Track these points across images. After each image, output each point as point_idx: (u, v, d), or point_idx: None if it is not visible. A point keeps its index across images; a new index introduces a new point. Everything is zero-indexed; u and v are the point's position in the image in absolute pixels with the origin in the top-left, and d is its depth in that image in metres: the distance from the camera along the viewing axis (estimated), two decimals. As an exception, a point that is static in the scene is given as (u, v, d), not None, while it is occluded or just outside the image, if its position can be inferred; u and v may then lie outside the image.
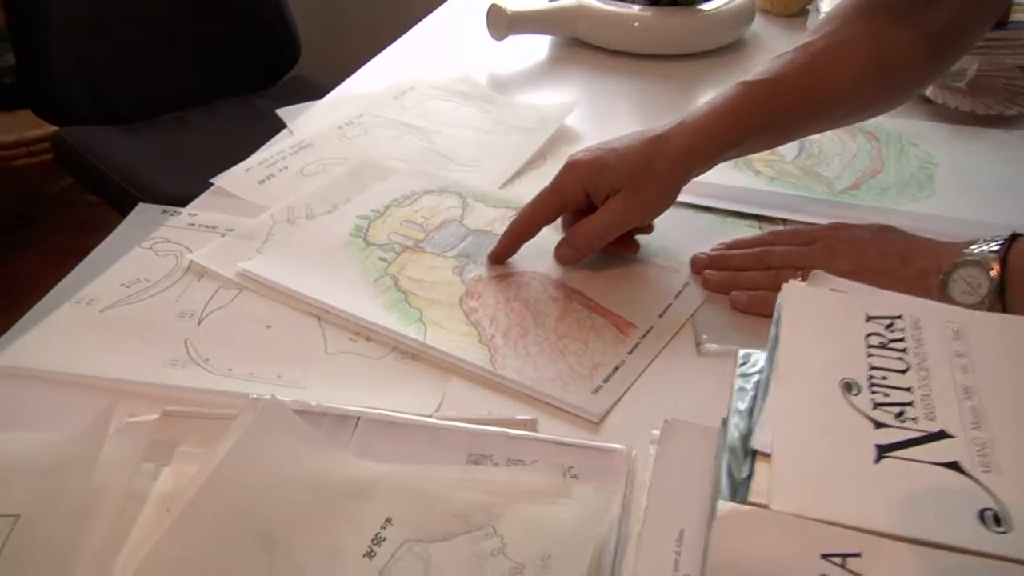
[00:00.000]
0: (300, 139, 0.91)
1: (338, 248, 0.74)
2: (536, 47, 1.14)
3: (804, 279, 0.64)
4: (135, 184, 1.56)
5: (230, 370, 0.62)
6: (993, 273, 0.60)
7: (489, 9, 1.08)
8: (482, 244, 0.75)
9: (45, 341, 0.65)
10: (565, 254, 0.72)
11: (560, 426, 0.58)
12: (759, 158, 0.88)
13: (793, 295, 0.50)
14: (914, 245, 0.66)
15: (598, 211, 0.70)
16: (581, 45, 1.13)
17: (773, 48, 1.16)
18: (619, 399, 0.60)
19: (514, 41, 1.12)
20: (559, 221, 0.74)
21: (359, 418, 0.57)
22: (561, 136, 0.92)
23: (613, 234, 0.71)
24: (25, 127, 1.82)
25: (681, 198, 0.78)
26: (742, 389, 0.50)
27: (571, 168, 0.71)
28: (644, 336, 0.65)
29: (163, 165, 1.68)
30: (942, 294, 0.62)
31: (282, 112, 0.96)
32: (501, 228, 0.76)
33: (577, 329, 0.66)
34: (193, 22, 1.86)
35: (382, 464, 0.54)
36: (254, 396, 0.58)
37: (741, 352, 0.53)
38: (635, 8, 1.10)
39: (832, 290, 0.51)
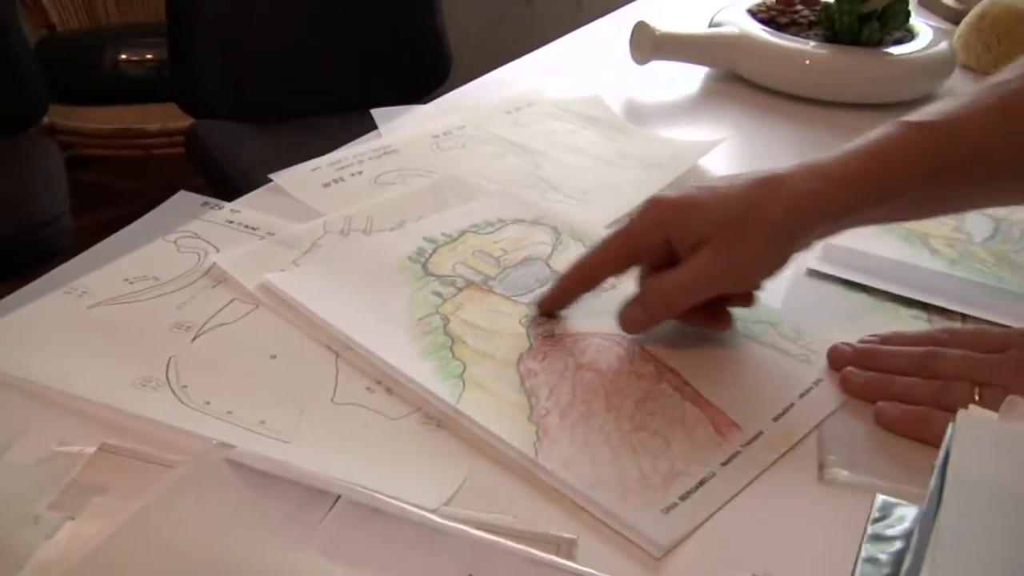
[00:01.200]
0: (386, 143, 0.78)
1: (389, 273, 0.60)
2: (686, 77, 0.98)
3: (984, 401, 0.46)
4: (247, 180, 1.49)
5: (207, 403, 0.49)
6: None
7: (635, 28, 0.93)
8: (565, 292, 0.59)
9: (10, 332, 0.53)
10: (631, 317, 0.55)
11: (608, 553, 0.42)
12: (937, 232, 0.69)
13: (971, 428, 0.33)
14: None
15: (679, 265, 0.53)
16: (739, 80, 0.96)
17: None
18: (698, 527, 0.43)
19: (662, 68, 0.96)
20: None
21: (339, 496, 0.42)
22: (695, 177, 0.76)
23: (695, 297, 0.53)
24: (171, 118, 1.79)
25: (825, 267, 0.61)
26: (873, 559, 0.33)
27: (652, 206, 0.55)
28: (749, 443, 0.48)
29: (281, 166, 1.62)
30: None
31: (377, 112, 0.83)
32: (594, 276, 0.60)
33: (661, 420, 0.49)
34: (343, 30, 1.80)
35: (348, 571, 0.39)
36: (217, 442, 0.45)
37: (880, 499, 0.36)
38: (808, 44, 0.92)
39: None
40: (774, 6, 0.98)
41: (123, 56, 2.03)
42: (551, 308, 0.57)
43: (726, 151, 0.82)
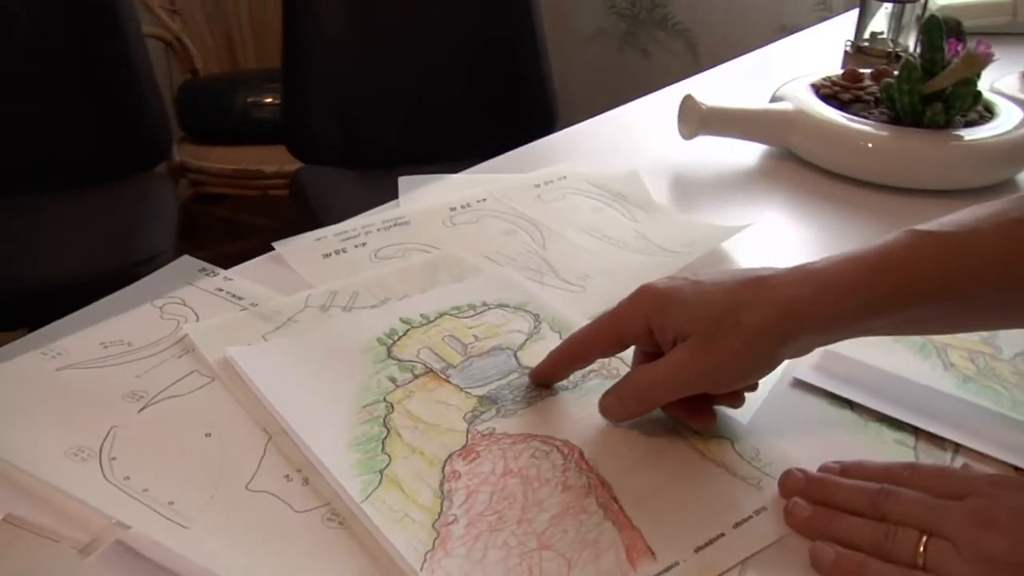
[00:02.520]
0: (400, 214, 0.78)
1: (353, 354, 0.60)
2: (744, 153, 0.94)
3: (928, 554, 0.42)
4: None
5: (127, 479, 0.50)
6: None
7: (683, 102, 0.90)
8: (523, 388, 0.58)
9: (-24, 391, 0.56)
10: (609, 405, 0.54)
11: None
12: (961, 343, 0.63)
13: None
14: None
15: (659, 360, 0.51)
16: (795, 160, 0.92)
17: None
18: (567, 669, 0.40)
19: (720, 143, 0.93)
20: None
21: (206, 594, 0.42)
22: (710, 266, 0.72)
23: (669, 396, 0.52)
24: (286, 161, 1.87)
25: (810, 377, 0.57)
26: None
27: (639, 294, 0.53)
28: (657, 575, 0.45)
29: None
30: None
31: (403, 180, 0.84)
32: (561, 370, 0.58)
33: (571, 539, 0.47)
34: (454, 79, 1.83)
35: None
36: (115, 522, 0.46)
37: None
38: (868, 125, 0.87)
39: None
40: (839, 81, 0.93)
41: (251, 99, 2.14)
42: (541, 380, 0.57)
43: (769, 236, 0.78)
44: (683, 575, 0.45)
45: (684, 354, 0.50)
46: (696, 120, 0.88)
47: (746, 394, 0.55)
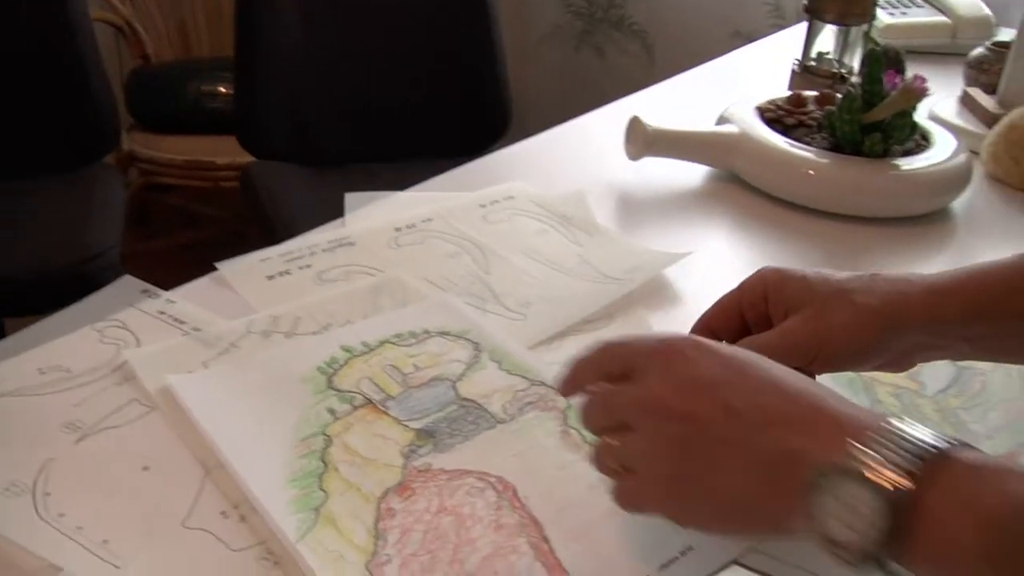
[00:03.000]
0: (345, 234, 0.79)
1: (293, 383, 0.61)
2: (689, 175, 0.95)
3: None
4: (289, 227, 1.52)
5: (61, 516, 0.50)
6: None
7: (629, 123, 0.91)
8: (461, 421, 0.59)
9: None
10: None
11: None
12: (889, 379, 0.65)
13: None
14: (786, 395, 0.43)
15: (769, 330, 0.54)
16: (740, 183, 0.93)
17: (991, 224, 0.91)
18: None
19: (667, 164, 0.94)
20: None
21: (137, 639, 0.43)
22: (652, 293, 0.74)
23: (777, 359, 0.52)
24: (239, 153, 1.85)
25: None
26: None
27: (760, 271, 0.57)
28: (584, 620, 0.46)
29: (324, 212, 1.65)
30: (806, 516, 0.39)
31: (350, 197, 0.84)
32: (498, 404, 0.60)
33: (500, 581, 0.48)
34: (408, 79, 1.83)
35: None
36: (48, 564, 0.46)
37: None
38: (811, 152, 0.89)
39: None
40: (783, 105, 0.94)
41: (204, 88, 2.11)
42: None
43: (712, 261, 0.80)
44: (608, 618, 0.46)
45: (795, 323, 0.53)
46: (642, 142, 0.89)
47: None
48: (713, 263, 0.80)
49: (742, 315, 0.56)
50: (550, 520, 0.52)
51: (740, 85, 1.21)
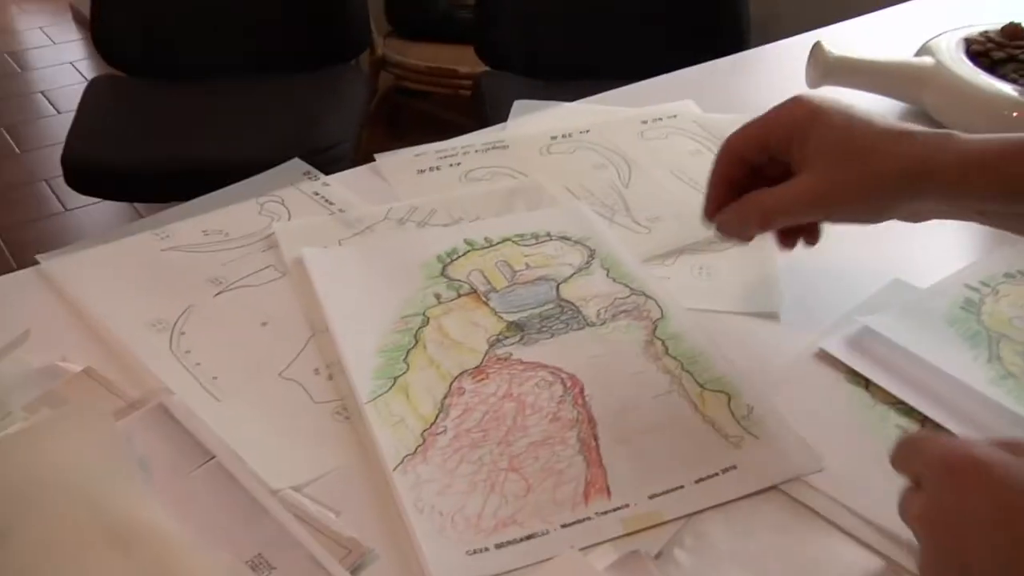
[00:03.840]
0: (500, 137, 0.82)
1: (411, 267, 0.66)
2: (873, 107, 0.90)
3: None
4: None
5: (187, 352, 0.58)
6: None
7: (812, 48, 0.87)
8: (553, 319, 0.61)
9: (95, 257, 0.66)
10: (727, 222, 0.57)
11: (393, 573, 0.45)
12: (1019, 336, 0.60)
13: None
14: None
15: (783, 184, 0.54)
16: (929, 122, 0.87)
17: None
18: (491, 578, 0.45)
19: (857, 96, 0.89)
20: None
21: (213, 457, 0.50)
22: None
23: (790, 217, 0.56)
24: (480, 63, 1.91)
25: (834, 350, 0.59)
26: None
27: (792, 102, 0.55)
28: (606, 513, 0.48)
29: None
30: None
31: (518, 104, 0.87)
32: (594, 308, 0.62)
33: (539, 466, 0.51)
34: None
35: (172, 524, 0.46)
36: (165, 387, 0.54)
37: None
38: (1014, 91, 0.81)
39: None
40: (995, 37, 0.86)
41: (455, -2, 2.20)
42: (712, 211, 0.59)
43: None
44: (629, 516, 0.48)
45: (811, 179, 0.53)
46: (822, 69, 0.85)
47: (763, 360, 0.57)
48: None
49: (767, 145, 0.55)
50: (606, 420, 0.54)
51: (983, 12, 1.10)
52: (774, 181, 0.55)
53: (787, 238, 0.58)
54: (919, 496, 0.41)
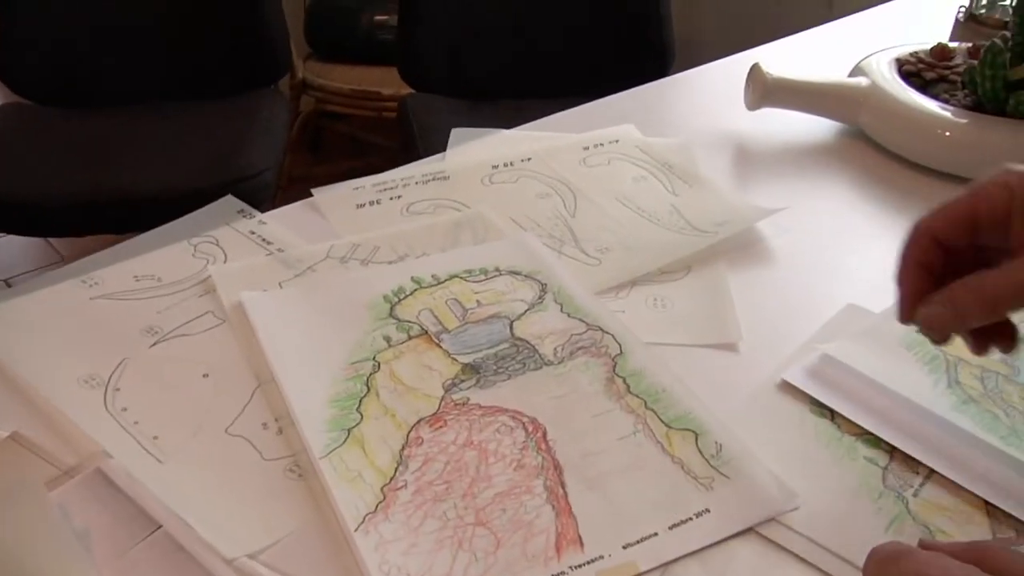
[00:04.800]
0: (441, 168, 0.80)
1: (357, 309, 0.63)
2: (810, 127, 0.91)
3: None
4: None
5: (124, 410, 0.55)
6: None
7: (750, 70, 0.87)
8: (509, 360, 0.59)
9: (16, 311, 0.62)
10: (935, 317, 0.47)
11: (364, 647, 0.43)
12: (975, 360, 0.60)
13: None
14: None
15: (1009, 263, 0.45)
16: (866, 141, 0.88)
17: None
18: (465, 644, 0.43)
19: (793, 116, 0.90)
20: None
21: (160, 527, 0.47)
22: (740, 248, 0.71)
23: (1014, 304, 0.46)
24: (403, 85, 1.89)
25: (797, 381, 0.58)
26: None
27: (1003, 169, 0.47)
28: (580, 567, 0.46)
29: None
30: None
31: (456, 132, 0.85)
32: (550, 346, 0.60)
33: (508, 519, 0.49)
34: (570, 11, 1.81)
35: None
36: (103, 451, 0.51)
37: None
38: (947, 110, 0.82)
39: None
40: (925, 58, 0.88)
41: (378, 18, 2.17)
42: (906, 312, 0.49)
43: (818, 219, 0.76)
44: (604, 568, 0.46)
45: None
46: (761, 91, 0.85)
47: (727, 394, 0.56)
48: (816, 223, 0.76)
49: (975, 224, 0.47)
50: (572, 465, 0.52)
51: (908, 32, 1.13)
52: (974, 270, 0.46)
53: (982, 341, 0.49)
54: None
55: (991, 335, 0.49)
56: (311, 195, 0.75)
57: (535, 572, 0.46)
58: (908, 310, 0.49)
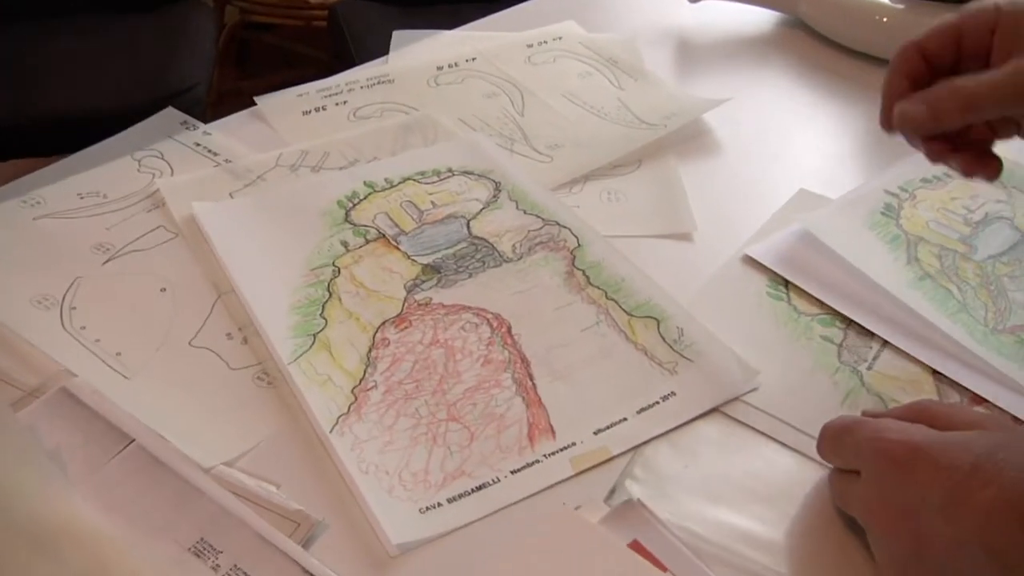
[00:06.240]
0: (385, 71, 0.78)
1: (312, 216, 0.62)
2: (750, 18, 0.91)
3: None
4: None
5: (83, 328, 0.54)
6: None
7: (690, -40, 0.87)
8: (468, 258, 0.59)
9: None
10: (909, 113, 0.49)
11: (350, 541, 0.43)
12: (935, 239, 0.62)
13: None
14: None
15: (989, 71, 0.47)
16: (806, 31, 0.88)
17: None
18: (446, 534, 0.44)
19: (731, 8, 0.89)
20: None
21: (133, 440, 0.46)
22: (688, 139, 0.72)
23: (996, 105, 0.47)
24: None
25: (759, 255, 0.59)
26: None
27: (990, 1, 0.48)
28: (553, 454, 0.48)
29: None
30: None
31: (397, 35, 0.83)
32: (508, 243, 0.60)
33: (478, 413, 0.49)
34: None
35: (99, 516, 0.43)
36: (64, 370, 0.50)
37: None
38: (885, -5, 0.83)
39: None
40: (864, -56, 0.87)
41: (299, -77, 2.09)
42: (890, 110, 0.50)
43: (760, 108, 0.77)
44: (577, 455, 0.48)
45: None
46: (702, -18, 0.85)
47: (684, 281, 0.57)
48: (761, 113, 0.77)
49: (959, 42, 0.49)
50: (538, 358, 0.53)
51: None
52: None
53: (970, 165, 0.50)
54: (860, 486, 0.42)
55: (978, 161, 0.50)
56: (248, 107, 0.73)
57: (510, 462, 0.47)
58: (888, 111, 0.50)
